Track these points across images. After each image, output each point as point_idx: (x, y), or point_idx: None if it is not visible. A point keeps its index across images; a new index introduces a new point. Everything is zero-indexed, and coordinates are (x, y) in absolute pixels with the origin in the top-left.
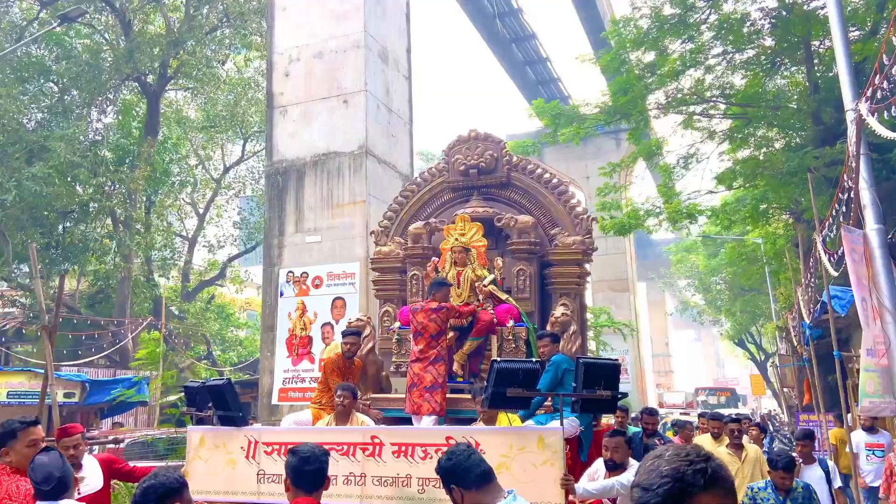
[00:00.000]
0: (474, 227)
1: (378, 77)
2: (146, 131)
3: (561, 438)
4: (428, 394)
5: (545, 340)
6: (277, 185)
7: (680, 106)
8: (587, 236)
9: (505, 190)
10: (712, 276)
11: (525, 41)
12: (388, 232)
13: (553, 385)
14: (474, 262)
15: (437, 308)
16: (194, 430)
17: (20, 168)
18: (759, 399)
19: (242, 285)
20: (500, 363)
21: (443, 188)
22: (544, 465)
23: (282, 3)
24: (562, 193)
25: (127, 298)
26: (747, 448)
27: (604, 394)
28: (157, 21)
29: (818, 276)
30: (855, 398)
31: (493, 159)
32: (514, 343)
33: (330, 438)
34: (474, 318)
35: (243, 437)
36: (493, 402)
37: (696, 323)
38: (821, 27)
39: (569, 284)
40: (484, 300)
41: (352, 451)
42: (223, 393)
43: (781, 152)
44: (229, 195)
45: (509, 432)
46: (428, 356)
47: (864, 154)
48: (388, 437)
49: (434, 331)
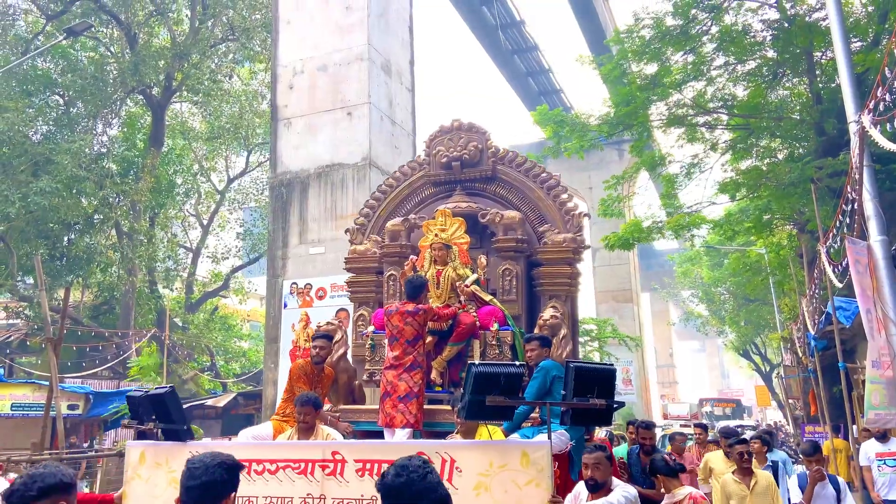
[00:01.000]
0: (456, 222)
1: (381, 89)
2: (151, 143)
3: (548, 454)
4: (402, 404)
5: (533, 344)
6: (281, 196)
7: (682, 119)
8: (578, 234)
9: (490, 184)
10: (716, 287)
11: (527, 52)
12: (364, 230)
13: (541, 394)
14: (455, 261)
15: (413, 310)
16: (133, 446)
17: (26, 181)
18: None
19: (246, 296)
20: (478, 367)
21: (423, 182)
22: (529, 486)
23: (286, 17)
24: (551, 188)
25: (131, 310)
26: (758, 475)
27: (597, 403)
28: (162, 34)
29: (823, 286)
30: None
31: (478, 151)
32: (498, 348)
33: (286, 454)
34: (455, 322)
35: (188, 452)
36: (471, 411)
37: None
38: (822, 38)
39: (559, 285)
40: (466, 302)
41: (310, 468)
42: (165, 403)
43: (784, 163)
44: (233, 206)
45: (489, 447)
46: (403, 363)
47: (867, 165)
48: (352, 453)
49: (410, 335)
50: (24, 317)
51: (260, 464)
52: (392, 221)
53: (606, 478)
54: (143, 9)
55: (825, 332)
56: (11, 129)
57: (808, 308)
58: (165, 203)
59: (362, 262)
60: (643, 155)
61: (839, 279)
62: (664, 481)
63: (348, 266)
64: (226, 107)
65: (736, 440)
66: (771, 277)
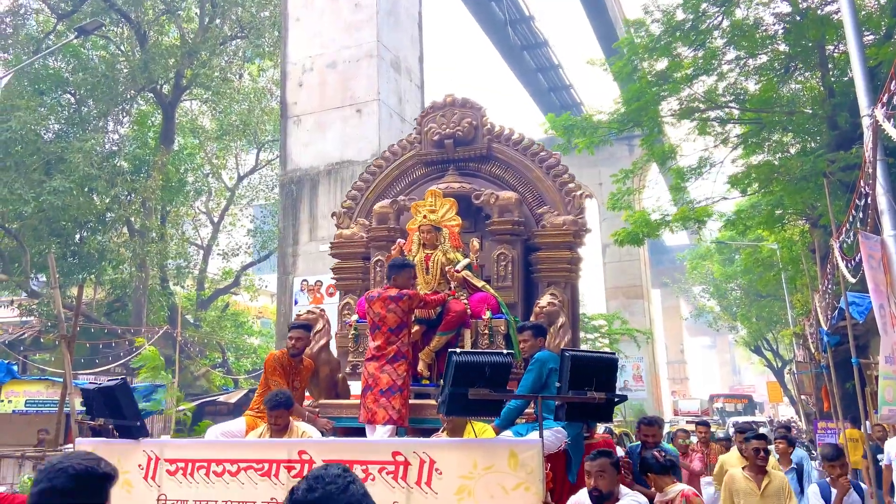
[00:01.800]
0: (447, 203)
1: (391, 86)
2: (161, 141)
3: (539, 454)
4: (384, 398)
5: (526, 334)
6: (291, 194)
7: (693, 112)
8: (580, 216)
9: (485, 163)
10: (728, 283)
11: (537, 48)
12: (351, 213)
13: (536, 388)
14: (446, 244)
15: (396, 296)
16: (82, 444)
17: (39, 180)
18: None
19: (257, 293)
20: (459, 355)
21: (414, 162)
22: (517, 490)
23: (295, 14)
24: (551, 167)
25: (143, 307)
26: (772, 475)
27: (596, 396)
28: (171, 32)
29: (835, 282)
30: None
31: (472, 128)
32: (490, 338)
33: (248, 454)
34: (444, 309)
35: (142, 452)
36: (452, 406)
37: (712, 329)
38: (835, 31)
39: (558, 271)
40: (456, 288)
41: (274, 470)
42: (116, 396)
43: (796, 157)
44: (243, 204)
45: (474, 447)
46: (385, 353)
47: (880, 160)
48: (320, 453)
49: (393, 323)
50: (37, 314)
51: (220, 464)
52: (380, 203)
53: (613, 487)
54: (153, 7)
55: (838, 327)
56: (24, 128)
57: (821, 303)
58: (176, 200)
59: (348, 247)
60: (653, 148)
61: (852, 274)
62: (655, 479)
63: (333, 252)
64: (235, 104)
65: (753, 434)
66: (783, 273)
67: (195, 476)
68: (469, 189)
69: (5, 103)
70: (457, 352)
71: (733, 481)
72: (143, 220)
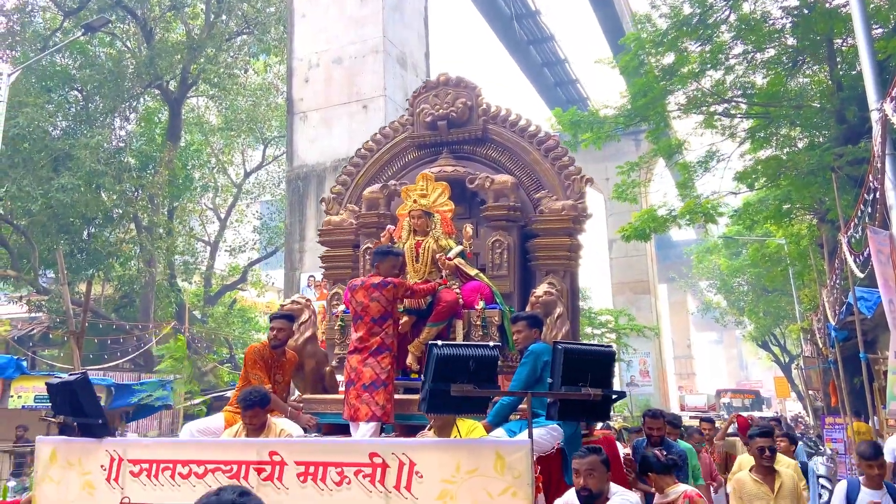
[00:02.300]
0: (439, 187)
1: (397, 81)
2: (168, 137)
3: (528, 457)
4: (367, 394)
5: (520, 324)
6: (298, 190)
7: (700, 106)
8: (580, 201)
9: (481, 146)
10: (735, 278)
11: (543, 43)
12: (340, 199)
13: (530, 382)
14: (437, 230)
15: (380, 283)
16: (44, 442)
17: (47, 177)
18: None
19: (264, 289)
20: (440, 348)
21: (407, 145)
22: (504, 495)
23: (301, 10)
24: (549, 150)
25: (151, 303)
26: (782, 474)
27: (591, 393)
28: (177, 29)
29: (844, 277)
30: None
31: (467, 108)
32: (484, 329)
33: (216, 455)
34: (434, 299)
35: (104, 451)
36: (433, 403)
37: (719, 325)
38: (843, 25)
39: (556, 259)
40: (448, 276)
41: (243, 472)
42: (75, 392)
43: (804, 152)
44: (249, 200)
45: (457, 447)
46: (368, 346)
47: (889, 154)
48: (292, 454)
49: (377, 313)
50: (46, 310)
51: (186, 465)
52: (370, 188)
53: (602, 486)
54: (159, 3)
55: (846, 322)
56: (31, 125)
57: (829, 298)
58: (183, 196)
59: (337, 234)
60: (660, 142)
61: (860, 269)
62: (656, 479)
63: (322, 239)
64: (241, 100)
65: (758, 431)
66: (791, 268)
67: (160, 478)
68: (463, 173)
69: (13, 100)
70: (438, 344)
71: (742, 486)
72: (150, 216)
